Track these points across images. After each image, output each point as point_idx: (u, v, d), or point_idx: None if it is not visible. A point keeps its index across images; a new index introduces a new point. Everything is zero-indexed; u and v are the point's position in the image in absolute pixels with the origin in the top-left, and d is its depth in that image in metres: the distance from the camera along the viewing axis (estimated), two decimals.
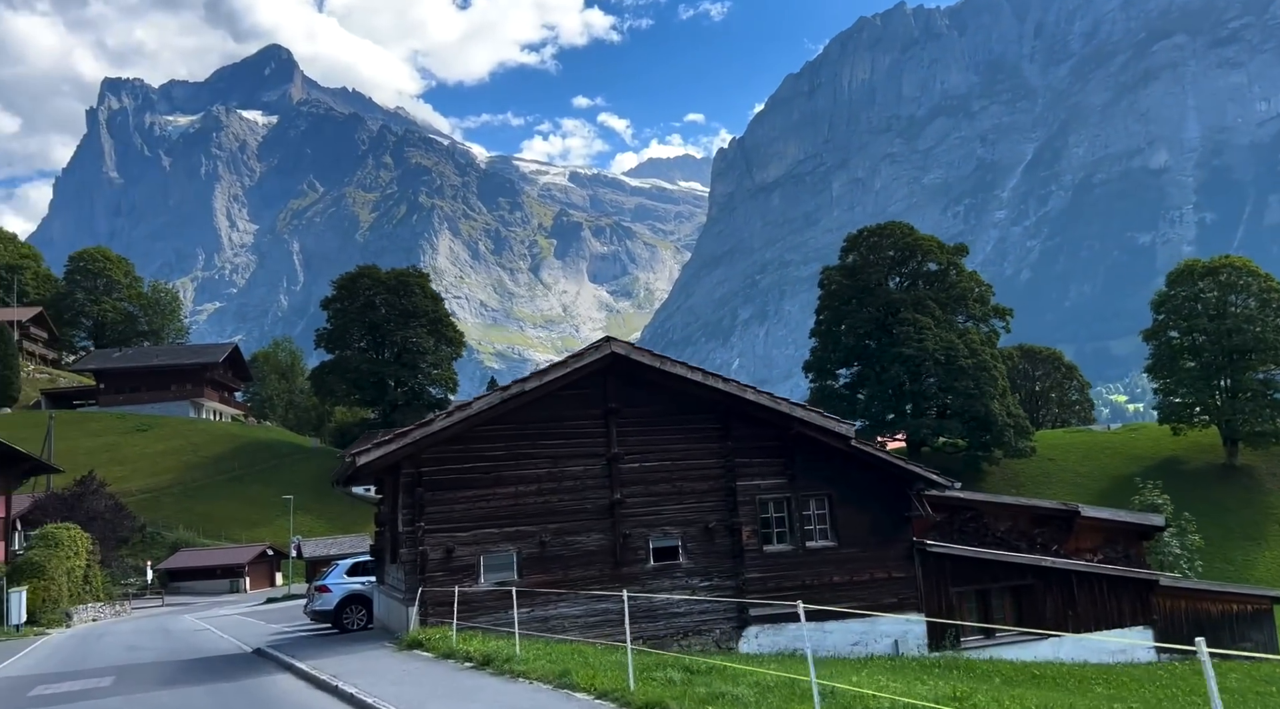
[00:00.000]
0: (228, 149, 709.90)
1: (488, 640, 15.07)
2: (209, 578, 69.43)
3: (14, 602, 36.50)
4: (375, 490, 26.02)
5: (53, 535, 47.32)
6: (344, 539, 57.61)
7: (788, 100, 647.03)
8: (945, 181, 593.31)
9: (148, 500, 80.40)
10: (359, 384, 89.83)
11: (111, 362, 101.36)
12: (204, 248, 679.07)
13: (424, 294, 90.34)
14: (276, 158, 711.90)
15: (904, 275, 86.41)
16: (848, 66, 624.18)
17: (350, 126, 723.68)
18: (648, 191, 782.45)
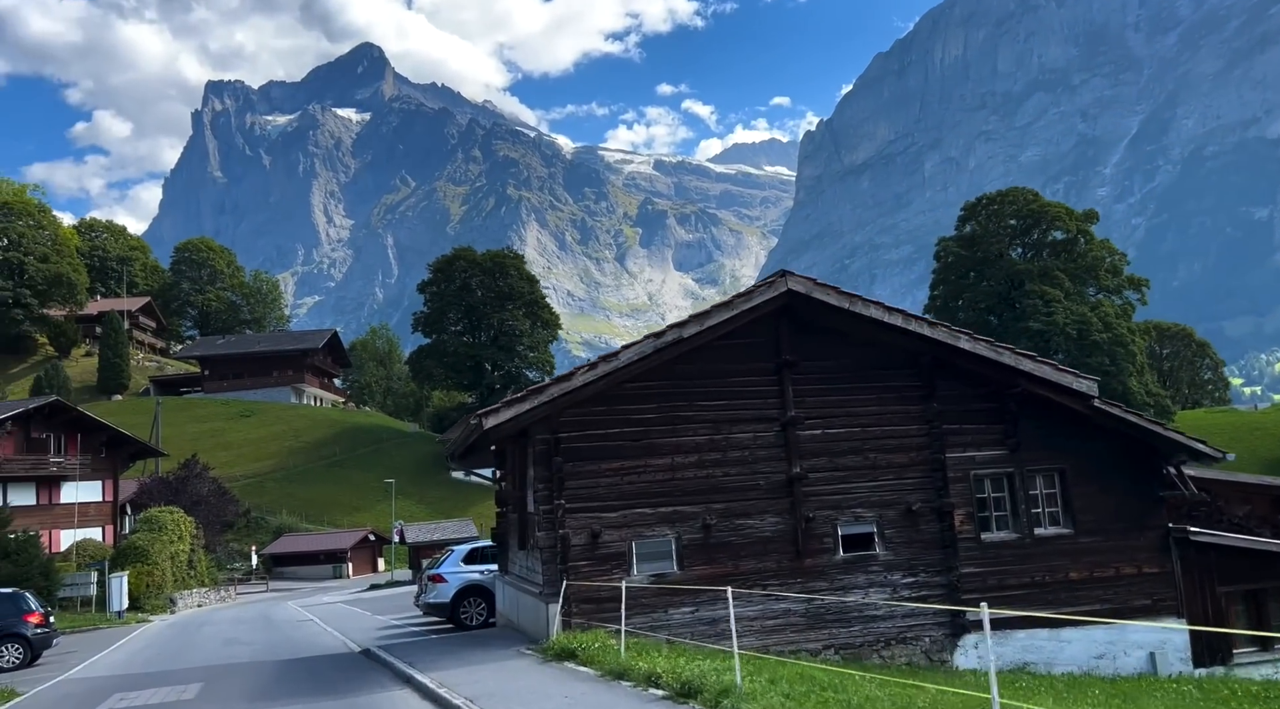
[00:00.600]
0: (324, 147, 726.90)
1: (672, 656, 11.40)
2: (312, 563, 68.13)
3: (115, 588, 34.64)
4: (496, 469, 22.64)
5: (156, 519, 45.86)
6: (447, 524, 55.24)
7: (877, 80, 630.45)
8: (1043, 159, 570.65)
9: (251, 485, 79.89)
10: (456, 368, 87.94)
11: (215, 348, 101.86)
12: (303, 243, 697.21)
13: (519, 275, 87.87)
14: (370, 154, 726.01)
15: (1028, 245, 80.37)
16: (940, 43, 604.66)
17: (440, 121, 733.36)
18: (733, 177, 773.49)
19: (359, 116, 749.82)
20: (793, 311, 15.63)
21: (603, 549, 14.90)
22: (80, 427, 53.45)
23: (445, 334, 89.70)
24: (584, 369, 15.04)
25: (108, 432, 54.73)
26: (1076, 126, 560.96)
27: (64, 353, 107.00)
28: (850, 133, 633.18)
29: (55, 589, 35.98)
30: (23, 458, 50.32)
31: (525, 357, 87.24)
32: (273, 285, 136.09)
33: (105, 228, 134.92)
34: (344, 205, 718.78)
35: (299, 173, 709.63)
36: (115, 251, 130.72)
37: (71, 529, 52.09)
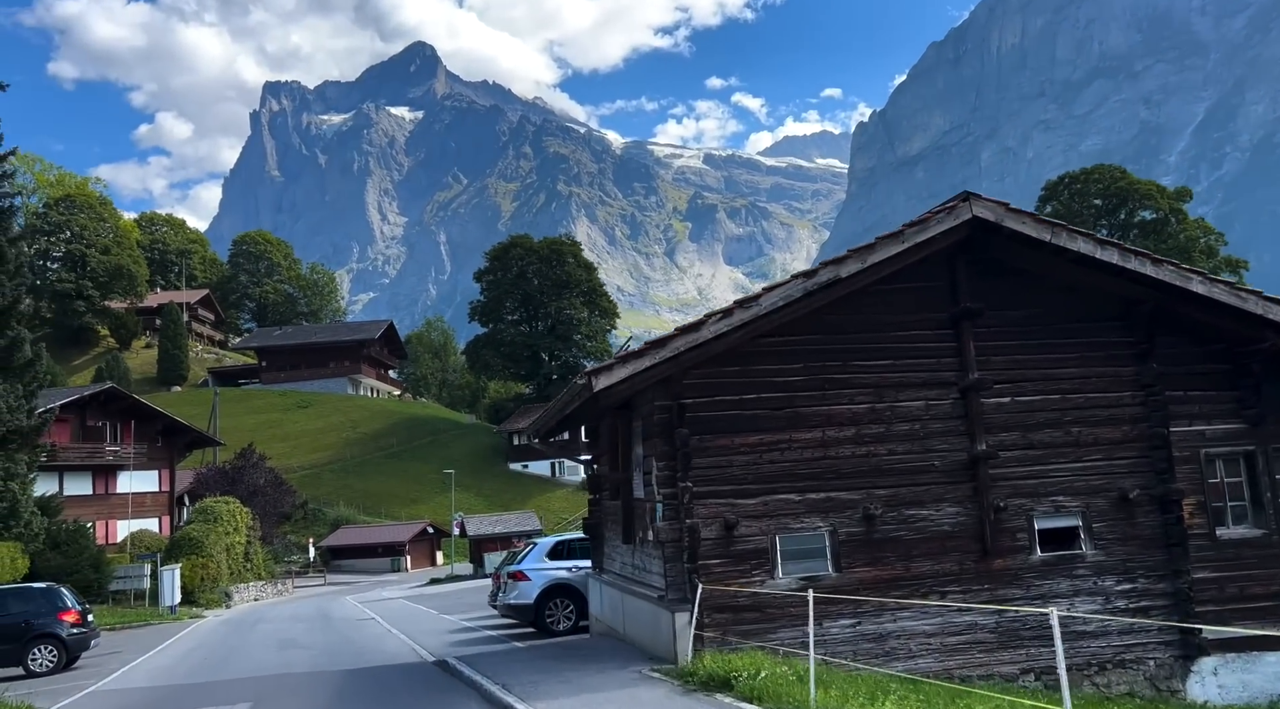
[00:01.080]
0: (378, 145, 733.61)
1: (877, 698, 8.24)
2: (370, 556, 66.17)
3: (167, 581, 32.46)
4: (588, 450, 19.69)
5: (211, 509, 43.89)
6: (508, 517, 52.69)
7: (931, 69, 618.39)
8: (1105, 147, 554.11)
9: (308, 477, 78.36)
10: (513, 357, 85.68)
11: (273, 339, 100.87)
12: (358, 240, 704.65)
13: (577, 262, 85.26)
14: (423, 152, 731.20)
15: (1114, 225, 75.66)
16: (996, 31, 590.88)
17: (491, 118, 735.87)
18: (784, 170, 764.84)
19: (412, 115, 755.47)
20: (974, 247, 12.45)
21: (739, 545, 11.86)
22: (136, 414, 51.85)
23: (502, 323, 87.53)
24: (715, 317, 12.00)
25: (163, 420, 53.11)
26: (1139, 114, 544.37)
27: (124, 345, 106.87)
28: (904, 123, 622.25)
29: (106, 582, 33.99)
30: (78, 446, 48.79)
31: (583, 346, 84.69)
32: (329, 278, 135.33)
33: (165, 221, 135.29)
34: (397, 203, 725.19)
35: (353, 171, 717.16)
36: (175, 245, 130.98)
37: (128, 520, 50.58)
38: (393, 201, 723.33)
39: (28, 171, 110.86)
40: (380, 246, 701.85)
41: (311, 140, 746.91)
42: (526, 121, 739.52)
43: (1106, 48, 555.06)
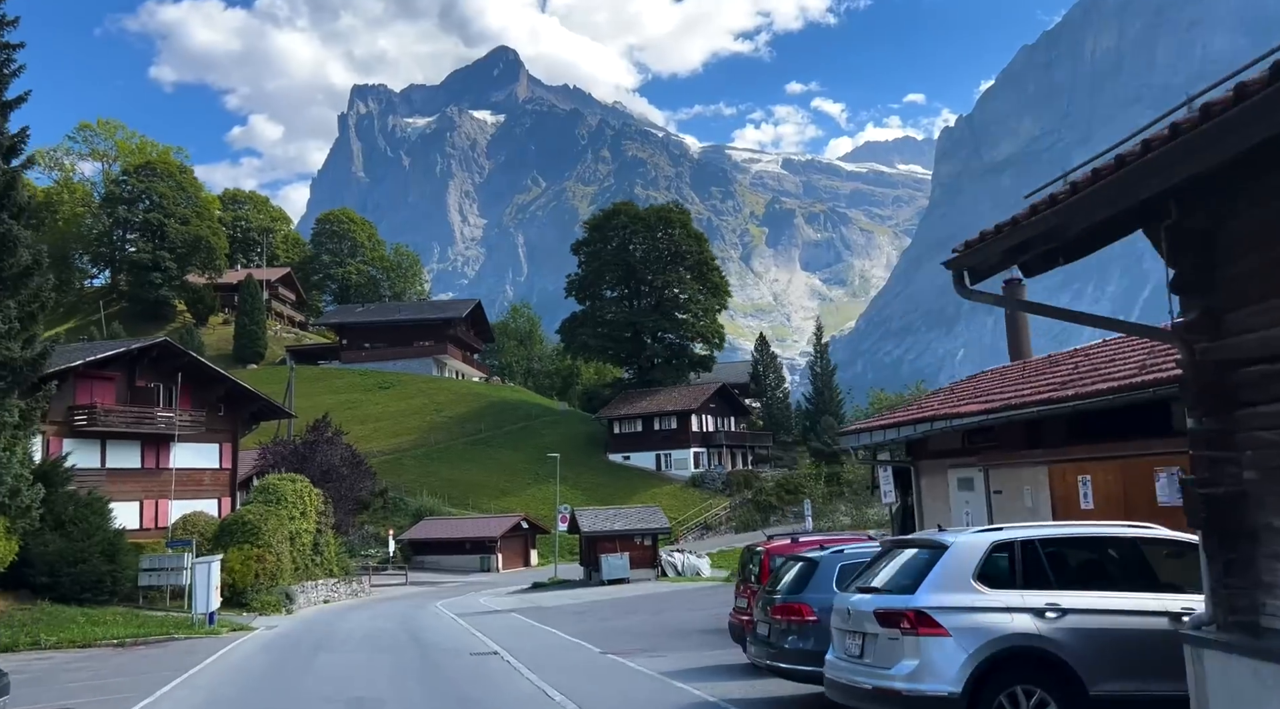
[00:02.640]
0: (460, 148, 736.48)
1: None
2: (457, 552, 57.08)
3: (200, 579, 23.20)
4: None
5: (274, 488, 34.85)
6: (629, 511, 42.79)
7: (1021, 73, 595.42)
8: None
9: (389, 462, 69.89)
10: (613, 337, 76.02)
11: (354, 316, 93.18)
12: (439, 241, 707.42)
13: (686, 233, 75.28)
14: (503, 155, 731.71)
15: None
16: (1091, 35, 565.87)
17: (571, 122, 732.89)
18: (864, 176, 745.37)
19: (494, 118, 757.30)
20: None
21: None
22: (195, 378, 43.42)
23: (600, 300, 78.00)
24: None
25: (226, 384, 44.51)
26: None
27: (201, 320, 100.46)
28: (991, 129, 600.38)
29: (126, 575, 25.06)
30: (124, 409, 40.29)
31: (691, 325, 74.58)
32: (413, 260, 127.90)
33: (248, 199, 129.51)
34: (478, 205, 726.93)
35: (436, 173, 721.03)
36: (257, 223, 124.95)
37: (182, 500, 42.19)
38: (473, 203, 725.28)
39: (109, 138, 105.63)
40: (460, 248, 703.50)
41: (396, 143, 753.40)
42: (606, 125, 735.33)
43: (1210, 52, 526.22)
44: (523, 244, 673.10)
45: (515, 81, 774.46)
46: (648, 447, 69.03)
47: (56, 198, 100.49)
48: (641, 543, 39.81)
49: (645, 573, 39.41)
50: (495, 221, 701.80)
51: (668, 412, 68.14)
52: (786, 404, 78.94)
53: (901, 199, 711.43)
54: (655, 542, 40.17)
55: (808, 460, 71.09)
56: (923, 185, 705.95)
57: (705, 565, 40.75)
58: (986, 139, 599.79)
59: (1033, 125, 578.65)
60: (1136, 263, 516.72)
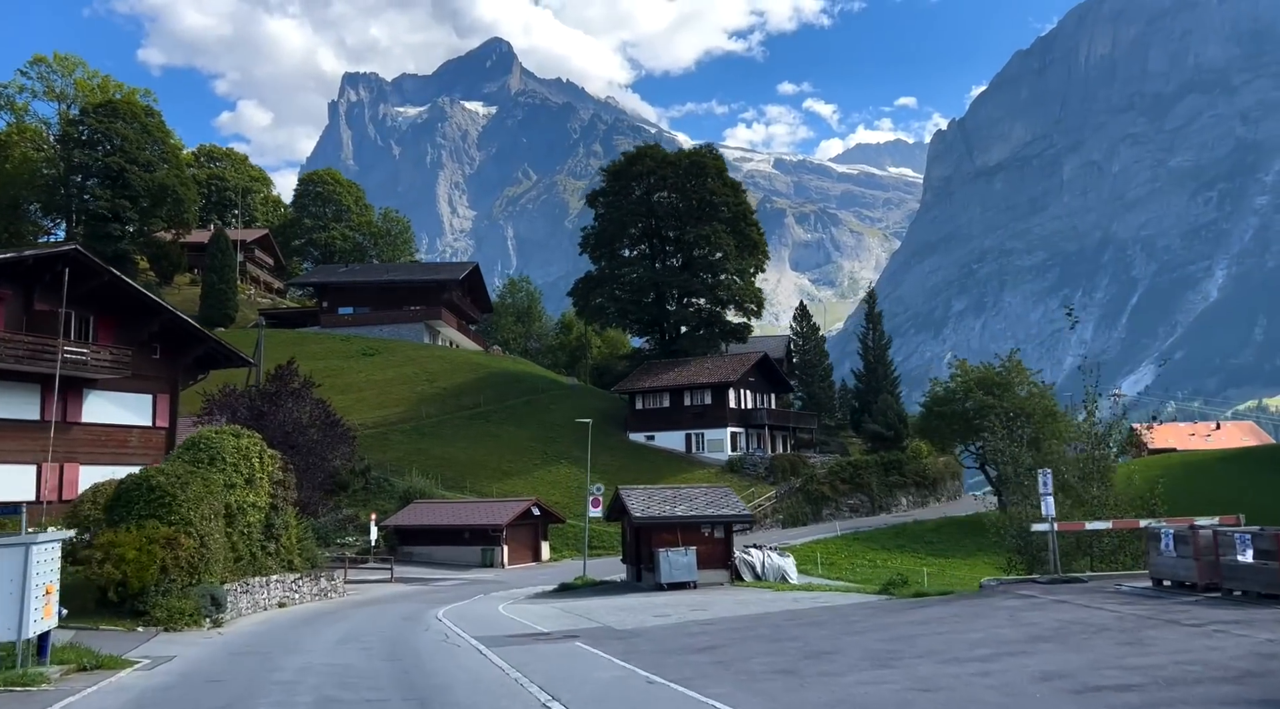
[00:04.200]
0: (451, 138, 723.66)
1: None
2: (453, 542, 46.30)
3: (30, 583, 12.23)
4: None
5: (208, 443, 23.68)
6: (691, 491, 31.81)
7: (1015, 79, 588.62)
8: (1196, 164, 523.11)
9: (373, 437, 58.97)
10: (633, 300, 65.31)
11: (337, 276, 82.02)
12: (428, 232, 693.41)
13: (720, 181, 64.55)
14: (495, 146, 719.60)
15: None
16: (1085, 41, 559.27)
17: (563, 116, 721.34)
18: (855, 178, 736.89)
19: (485, 110, 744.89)
20: None
21: None
22: (119, 304, 32.63)
23: (618, 259, 67.23)
24: None
25: (162, 316, 33.49)
26: (1235, 130, 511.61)
27: (165, 279, 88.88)
28: (983, 133, 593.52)
29: None
30: (14, 338, 29.34)
31: (726, 288, 63.78)
32: (404, 226, 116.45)
33: (225, 155, 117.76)
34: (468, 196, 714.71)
35: (426, 164, 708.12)
36: (234, 181, 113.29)
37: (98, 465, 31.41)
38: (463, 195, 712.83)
39: (67, 76, 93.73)
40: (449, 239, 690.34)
41: (387, 132, 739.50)
42: (598, 120, 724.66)
43: (1202, 60, 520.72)
44: (512, 236, 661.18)
45: (508, 73, 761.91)
46: (676, 425, 58.28)
47: (5, 140, 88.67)
48: (711, 535, 29.16)
49: (714, 575, 28.80)
50: (485, 213, 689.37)
51: (701, 384, 57.39)
52: (830, 383, 68.54)
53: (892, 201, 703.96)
54: (729, 534, 29.50)
55: (858, 445, 60.72)
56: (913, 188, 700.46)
57: (791, 567, 30.12)
58: (978, 143, 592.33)
59: (1024, 131, 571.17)
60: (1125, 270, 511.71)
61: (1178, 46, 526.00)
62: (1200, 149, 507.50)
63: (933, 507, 57.79)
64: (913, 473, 55.76)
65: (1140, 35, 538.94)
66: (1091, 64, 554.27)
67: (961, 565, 41.18)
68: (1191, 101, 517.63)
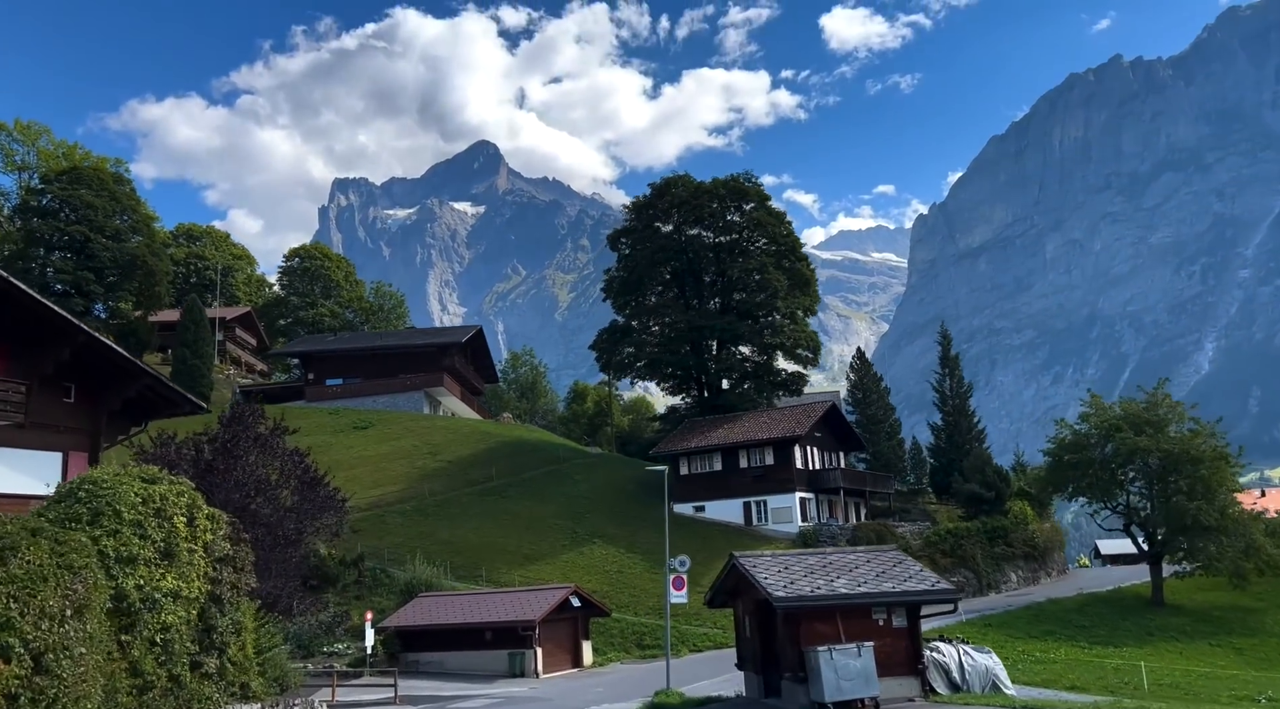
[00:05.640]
0: (440, 238, 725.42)
1: None
2: (470, 646, 35.62)
3: None
4: None
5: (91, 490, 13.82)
6: (850, 556, 21.56)
7: (992, 162, 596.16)
8: (1176, 240, 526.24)
9: (367, 521, 48.66)
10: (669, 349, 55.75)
11: (323, 344, 72.40)
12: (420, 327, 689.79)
13: (763, 209, 55.87)
14: (484, 244, 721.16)
15: None
16: (1058, 125, 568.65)
17: (550, 213, 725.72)
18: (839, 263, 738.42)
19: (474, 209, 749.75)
20: None
21: None
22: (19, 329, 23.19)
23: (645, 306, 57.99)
24: None
25: (77, 339, 23.83)
26: (1212, 206, 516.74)
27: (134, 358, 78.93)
28: (965, 216, 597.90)
29: None
30: None
31: (779, 330, 54.30)
32: (398, 300, 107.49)
33: (205, 234, 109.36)
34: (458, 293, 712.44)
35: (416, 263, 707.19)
36: (215, 260, 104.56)
37: None
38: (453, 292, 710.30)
39: (29, 144, 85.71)
40: None
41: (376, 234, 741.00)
42: (585, 215, 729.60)
43: (1174, 140, 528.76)
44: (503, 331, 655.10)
45: (495, 174, 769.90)
46: (730, 492, 48.03)
47: None
48: (888, 623, 19.00)
49: (897, 685, 18.65)
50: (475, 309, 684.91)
51: (760, 441, 47.40)
52: (899, 441, 58.78)
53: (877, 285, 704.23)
54: (915, 622, 19.32)
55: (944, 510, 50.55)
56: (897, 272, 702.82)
57: (1001, 670, 19.87)
58: (960, 226, 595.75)
59: (1005, 212, 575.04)
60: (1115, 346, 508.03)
61: (1149, 128, 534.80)
62: (1179, 225, 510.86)
63: (1045, 584, 47.36)
64: (1020, 542, 45.57)
65: (1111, 118, 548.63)
66: (1066, 147, 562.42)
67: (1151, 654, 30.84)
68: (1167, 180, 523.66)
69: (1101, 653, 30.64)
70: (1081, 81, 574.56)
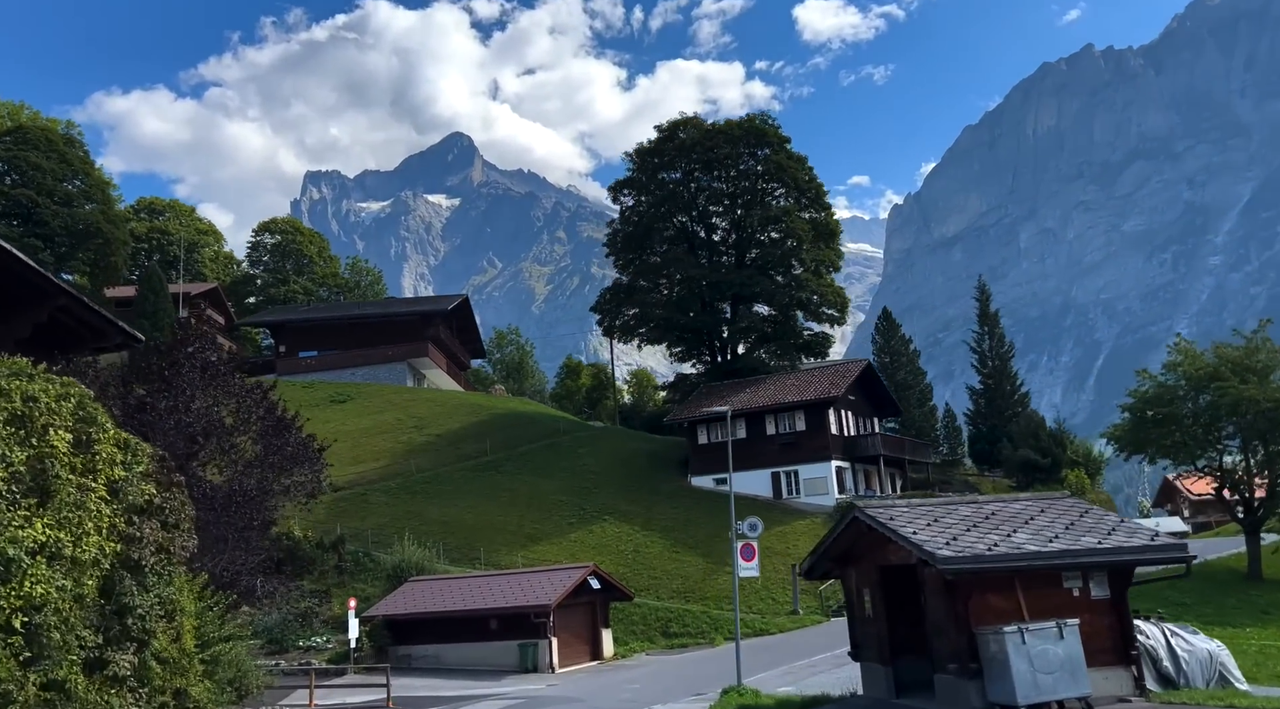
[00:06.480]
0: (415, 231, 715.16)
1: None
2: (473, 636, 30.04)
3: None
4: None
5: None
6: (1009, 506, 16.17)
7: (966, 152, 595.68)
8: (1148, 228, 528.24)
9: (348, 501, 42.94)
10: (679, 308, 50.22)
11: (296, 314, 66.29)
12: None
13: (783, 152, 50.37)
14: (459, 237, 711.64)
15: None
16: (1031, 114, 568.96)
17: (526, 205, 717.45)
18: None
19: (449, 202, 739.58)
20: None
21: None
22: None
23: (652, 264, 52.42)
24: None
25: None
26: (1182, 194, 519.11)
27: None
28: (939, 205, 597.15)
29: None
30: None
31: (804, 284, 48.88)
32: (375, 277, 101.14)
33: (168, 207, 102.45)
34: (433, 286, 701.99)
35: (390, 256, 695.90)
36: (180, 235, 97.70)
37: None
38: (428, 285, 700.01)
39: None
40: None
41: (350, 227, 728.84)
42: (561, 207, 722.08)
43: (1145, 129, 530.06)
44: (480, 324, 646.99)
45: (470, 166, 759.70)
46: (756, 461, 42.62)
47: None
48: (1083, 594, 13.51)
49: (1104, 679, 13.10)
50: None
51: (789, 404, 42.06)
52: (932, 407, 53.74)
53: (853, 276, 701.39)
54: (1122, 591, 13.86)
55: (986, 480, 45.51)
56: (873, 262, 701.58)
57: (1229, 659, 14.38)
58: (935, 215, 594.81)
59: (979, 201, 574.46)
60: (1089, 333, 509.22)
61: (1120, 117, 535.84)
62: (1151, 213, 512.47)
63: None
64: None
65: (1084, 107, 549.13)
66: (1040, 136, 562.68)
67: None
68: (1138, 168, 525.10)
69: (1234, 634, 25.58)
70: (1054, 71, 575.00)
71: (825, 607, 35.44)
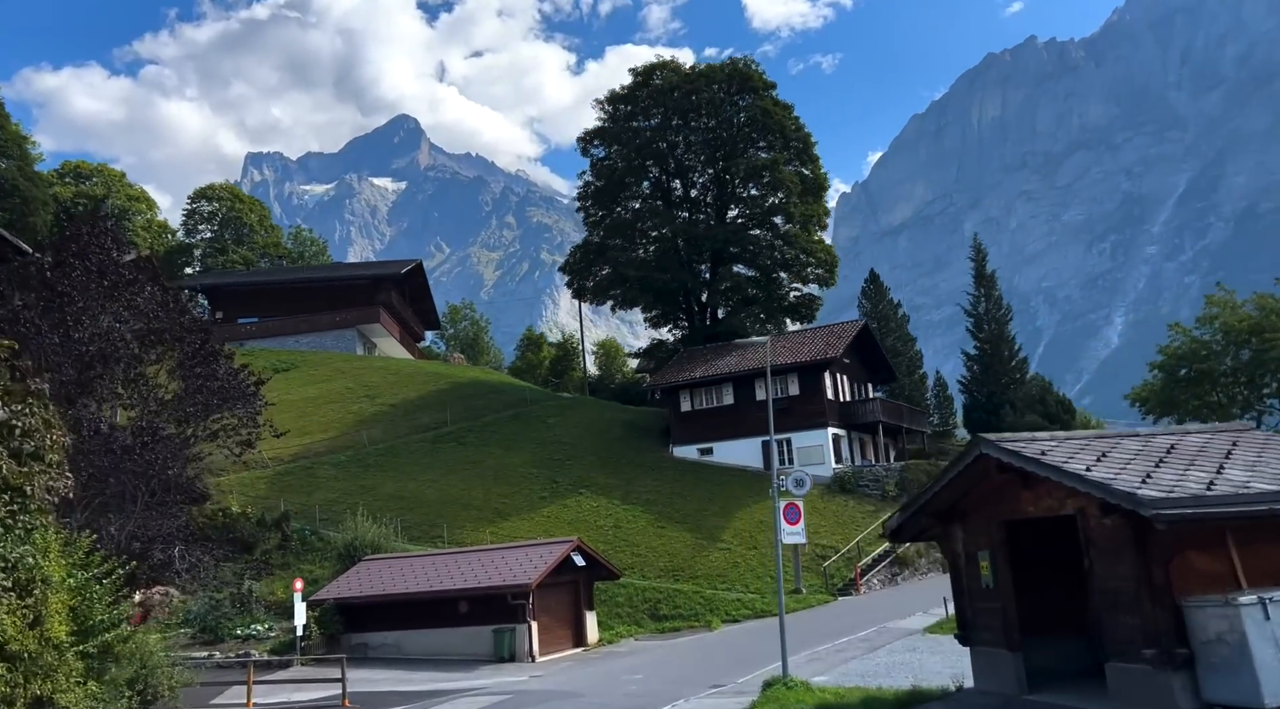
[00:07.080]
0: (360, 215, 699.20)
1: None
2: (439, 621, 25.88)
3: None
4: None
5: None
6: (1192, 438, 12.68)
7: (913, 141, 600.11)
8: (1088, 218, 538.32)
9: (294, 475, 38.41)
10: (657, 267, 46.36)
11: (233, 277, 60.95)
12: None
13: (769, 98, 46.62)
14: (405, 221, 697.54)
15: None
16: (976, 104, 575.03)
17: (474, 189, 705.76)
18: None
19: (395, 185, 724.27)
20: None
21: None
22: None
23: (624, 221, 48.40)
24: None
25: None
26: (1121, 185, 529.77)
27: None
28: (886, 194, 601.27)
29: None
30: None
31: (793, 239, 45.30)
32: (320, 247, 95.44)
33: (96, 172, 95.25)
34: None
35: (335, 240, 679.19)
36: (109, 201, 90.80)
37: None
38: None
39: None
40: None
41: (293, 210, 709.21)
42: (510, 192, 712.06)
43: (1086, 120, 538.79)
44: None
45: (416, 149, 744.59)
46: (745, 429, 38.92)
47: None
48: None
49: None
50: None
51: (782, 366, 38.46)
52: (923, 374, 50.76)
53: None
54: None
55: None
56: None
57: None
58: (882, 204, 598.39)
59: (925, 190, 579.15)
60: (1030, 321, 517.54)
61: (1062, 107, 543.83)
62: (1091, 203, 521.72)
63: None
64: None
65: (1028, 98, 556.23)
66: (985, 125, 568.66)
67: None
68: (1079, 158, 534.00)
69: None
70: (998, 62, 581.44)
71: (830, 585, 32.02)
